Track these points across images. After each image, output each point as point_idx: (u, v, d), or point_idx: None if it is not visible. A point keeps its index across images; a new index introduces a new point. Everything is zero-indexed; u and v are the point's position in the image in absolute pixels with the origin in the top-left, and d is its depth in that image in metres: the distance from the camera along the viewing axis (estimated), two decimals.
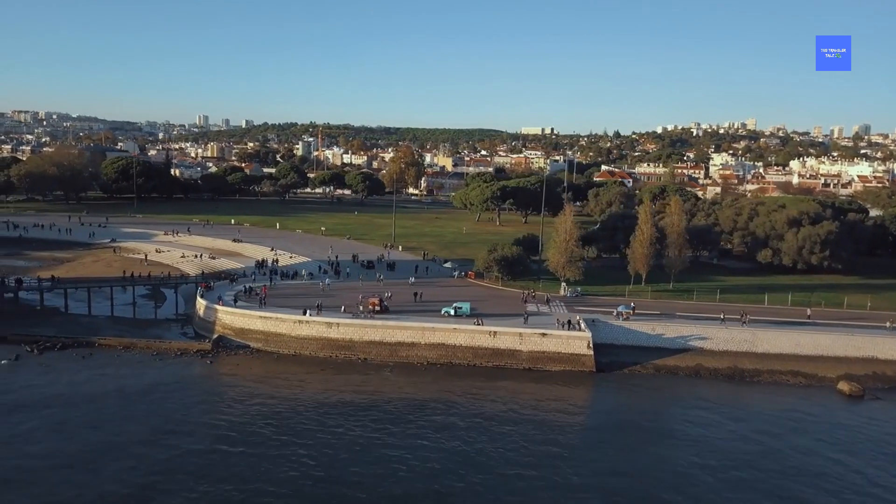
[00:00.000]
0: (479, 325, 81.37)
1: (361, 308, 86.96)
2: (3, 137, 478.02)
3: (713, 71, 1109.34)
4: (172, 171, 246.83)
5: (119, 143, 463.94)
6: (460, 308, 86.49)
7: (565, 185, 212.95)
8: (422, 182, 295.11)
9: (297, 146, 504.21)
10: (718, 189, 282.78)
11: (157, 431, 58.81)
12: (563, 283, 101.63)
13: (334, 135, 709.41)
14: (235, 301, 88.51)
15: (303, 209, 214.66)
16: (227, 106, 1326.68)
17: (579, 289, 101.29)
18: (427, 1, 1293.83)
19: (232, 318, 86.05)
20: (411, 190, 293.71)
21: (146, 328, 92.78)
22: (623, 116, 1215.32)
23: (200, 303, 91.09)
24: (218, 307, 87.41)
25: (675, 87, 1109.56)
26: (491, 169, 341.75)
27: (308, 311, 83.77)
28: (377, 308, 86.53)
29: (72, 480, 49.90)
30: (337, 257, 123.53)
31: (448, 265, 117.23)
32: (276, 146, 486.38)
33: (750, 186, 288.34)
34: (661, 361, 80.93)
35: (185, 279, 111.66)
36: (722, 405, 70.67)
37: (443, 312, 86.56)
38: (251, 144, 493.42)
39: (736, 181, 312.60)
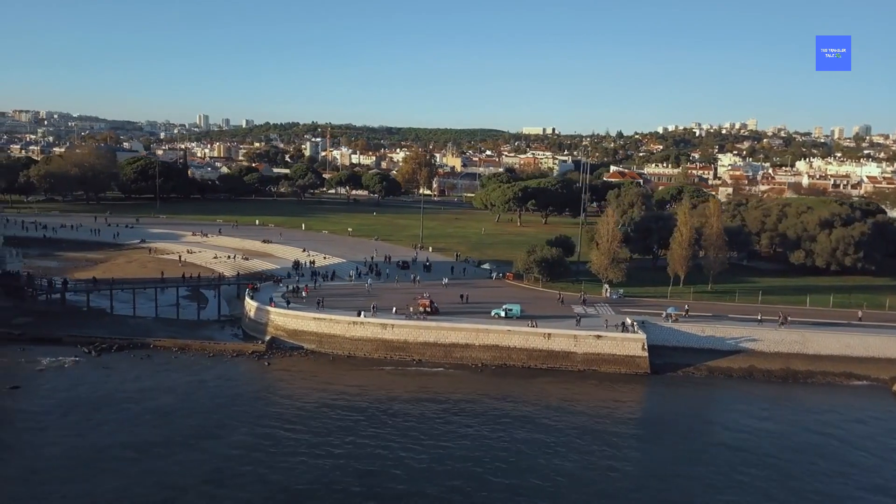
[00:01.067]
0: (533, 326, 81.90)
1: (412, 309, 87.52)
2: (6, 138, 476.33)
3: (713, 71, 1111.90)
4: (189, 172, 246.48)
5: (126, 143, 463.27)
6: (511, 310, 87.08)
7: (586, 186, 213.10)
8: (434, 183, 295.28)
9: (304, 146, 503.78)
10: (730, 190, 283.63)
11: (230, 430, 59.49)
12: (606, 285, 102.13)
13: (336, 135, 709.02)
14: (288, 303, 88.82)
15: (321, 210, 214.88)
16: (227, 105, 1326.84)
17: (621, 290, 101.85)
18: (428, 1, 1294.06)
19: (285, 319, 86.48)
20: (423, 190, 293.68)
21: (195, 329, 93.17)
22: (623, 116, 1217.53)
23: (250, 304, 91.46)
24: (270, 309, 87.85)
25: (675, 88, 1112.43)
26: (501, 169, 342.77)
27: (363, 313, 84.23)
28: (428, 309, 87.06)
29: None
30: (372, 258, 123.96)
31: (486, 266, 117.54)
32: (284, 146, 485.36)
33: (761, 187, 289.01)
34: (713, 363, 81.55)
35: (227, 280, 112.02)
36: (780, 406, 71.66)
37: (493, 314, 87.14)
38: (257, 144, 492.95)
39: (746, 182, 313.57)
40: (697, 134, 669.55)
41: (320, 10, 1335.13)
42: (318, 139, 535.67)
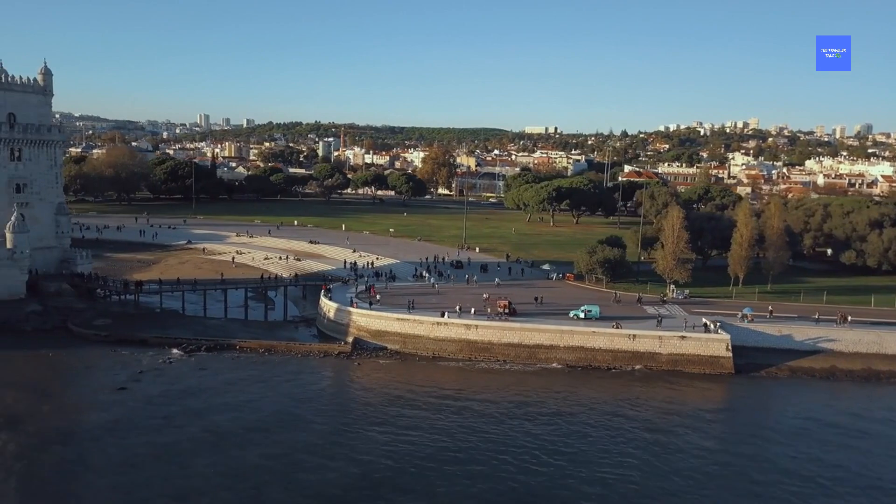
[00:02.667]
0: (616, 328, 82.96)
1: (490, 310, 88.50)
2: None
3: (714, 70, 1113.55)
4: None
5: (133, 143, 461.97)
6: (590, 311, 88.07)
7: (620, 186, 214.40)
8: (453, 182, 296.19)
9: (316, 146, 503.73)
10: (748, 189, 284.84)
11: (339, 430, 60.60)
12: (672, 286, 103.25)
13: (336, 134, 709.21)
14: (371, 304, 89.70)
15: (350, 210, 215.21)
16: (227, 105, 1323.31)
17: (687, 291, 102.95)
18: (429, 0, 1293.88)
19: (368, 320, 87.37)
20: (442, 190, 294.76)
21: (273, 330, 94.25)
22: (624, 116, 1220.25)
23: (329, 305, 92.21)
24: (352, 310, 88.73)
25: (675, 87, 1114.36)
26: (517, 169, 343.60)
27: (446, 313, 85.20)
28: (506, 310, 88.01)
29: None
30: (427, 258, 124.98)
31: (545, 267, 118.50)
32: (298, 146, 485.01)
33: (780, 186, 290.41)
34: (794, 363, 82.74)
35: (288, 281, 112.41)
36: (870, 406, 72.76)
37: (571, 315, 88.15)
38: (267, 144, 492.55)
39: (762, 181, 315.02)
40: (702, 133, 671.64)
41: (320, 9, 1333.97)
42: (331, 139, 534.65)
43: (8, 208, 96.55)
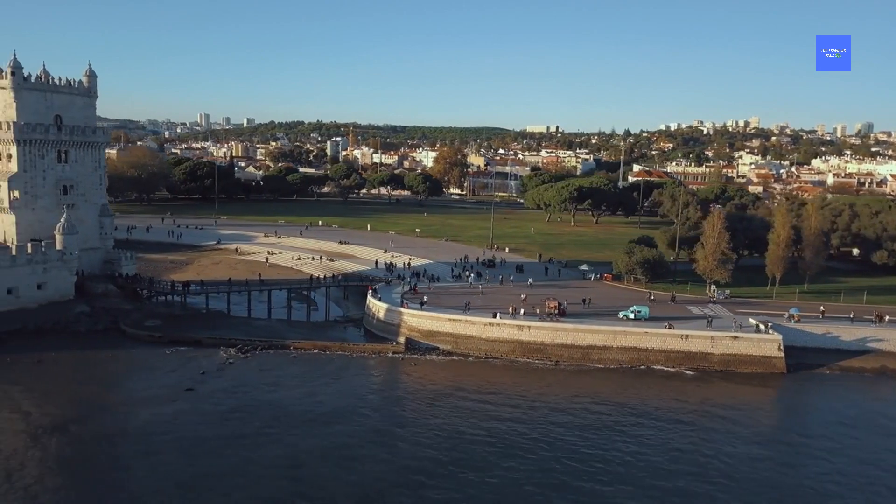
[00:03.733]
0: (669, 328, 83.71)
1: (539, 311, 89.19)
2: None
3: (714, 70, 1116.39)
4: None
5: (138, 143, 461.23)
6: (639, 311, 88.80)
7: (641, 186, 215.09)
8: (465, 182, 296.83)
9: (320, 145, 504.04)
10: (760, 189, 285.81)
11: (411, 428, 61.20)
12: (713, 286, 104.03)
13: (343, 133, 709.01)
14: (422, 305, 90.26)
15: (368, 210, 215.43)
16: (226, 104, 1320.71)
17: (727, 291, 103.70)
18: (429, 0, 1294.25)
19: (419, 320, 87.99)
20: (454, 190, 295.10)
21: (323, 330, 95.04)
22: (624, 115, 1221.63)
23: (379, 305, 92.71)
24: (403, 310, 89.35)
25: (676, 86, 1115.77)
26: (528, 169, 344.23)
27: (499, 314, 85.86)
28: (556, 311, 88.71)
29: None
30: (462, 259, 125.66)
31: (584, 267, 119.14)
32: (307, 146, 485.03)
33: (792, 185, 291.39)
34: (844, 363, 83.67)
35: (325, 281, 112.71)
36: None
37: (621, 316, 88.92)
38: (273, 144, 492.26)
39: (773, 180, 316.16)
40: (705, 132, 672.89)
41: (321, 8, 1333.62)
42: (339, 139, 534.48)
43: (55, 209, 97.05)
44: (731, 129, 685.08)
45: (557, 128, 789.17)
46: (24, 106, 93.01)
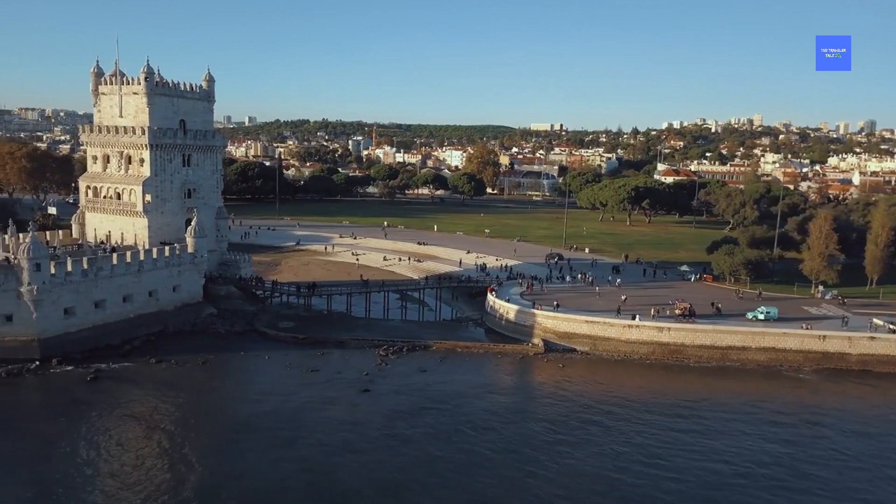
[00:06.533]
0: (807, 329, 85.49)
1: (668, 312, 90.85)
2: (63, 137, 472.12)
3: (716, 68, 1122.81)
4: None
5: None
6: (769, 312, 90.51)
7: (697, 186, 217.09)
8: (503, 181, 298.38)
9: (328, 143, 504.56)
10: (791, 188, 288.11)
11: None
12: (820, 286, 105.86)
13: (349, 131, 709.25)
14: (556, 307, 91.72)
15: (417, 210, 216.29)
16: (227, 103, 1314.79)
17: (834, 291, 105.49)
18: None
19: (555, 322, 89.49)
20: (488, 189, 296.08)
21: (451, 330, 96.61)
22: (627, 112, 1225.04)
23: (507, 306, 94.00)
24: (537, 311, 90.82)
25: (678, 84, 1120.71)
26: (556, 168, 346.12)
27: (637, 316, 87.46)
28: (686, 312, 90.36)
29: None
30: (558, 260, 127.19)
31: (684, 268, 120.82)
32: (334, 146, 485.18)
33: (811, 184, 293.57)
34: None
35: (424, 283, 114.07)
36: None
37: (749, 317, 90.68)
38: (291, 143, 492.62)
39: (800, 179, 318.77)
40: (713, 130, 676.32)
41: (322, 6, 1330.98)
42: (360, 138, 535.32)
43: (180, 213, 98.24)
44: (736, 127, 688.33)
45: (562, 126, 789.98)
46: (155, 111, 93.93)
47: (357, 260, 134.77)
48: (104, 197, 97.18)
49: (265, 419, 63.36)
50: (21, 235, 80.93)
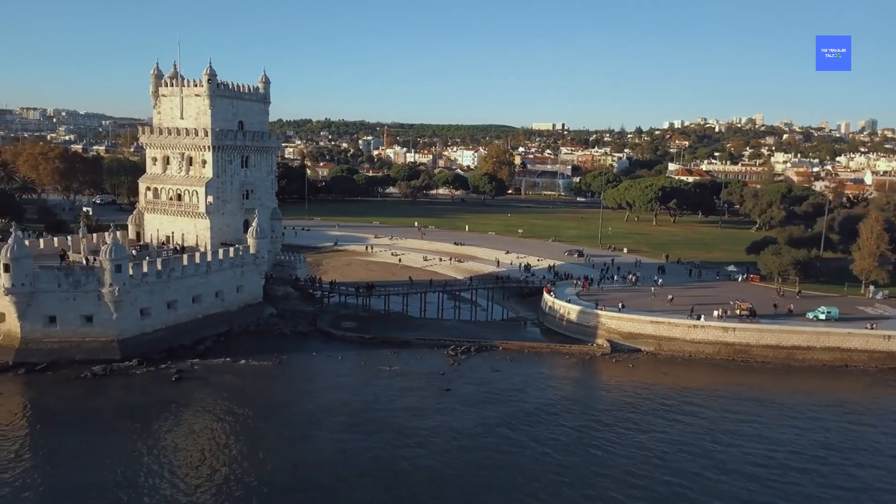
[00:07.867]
0: (872, 328, 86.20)
1: (728, 312, 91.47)
2: (71, 137, 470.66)
3: (716, 67, 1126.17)
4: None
5: None
6: (829, 312, 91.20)
7: (722, 185, 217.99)
8: (519, 181, 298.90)
9: (333, 142, 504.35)
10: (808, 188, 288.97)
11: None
12: (871, 286, 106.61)
13: (352, 131, 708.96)
14: (622, 307, 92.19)
15: (440, 210, 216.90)
16: None
17: (885, 291, 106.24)
18: None
19: (619, 322, 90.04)
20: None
21: (511, 330, 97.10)
22: (627, 112, 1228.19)
23: (569, 307, 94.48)
24: (600, 312, 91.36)
25: (678, 83, 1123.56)
26: (569, 167, 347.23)
27: (703, 316, 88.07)
28: (746, 312, 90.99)
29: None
30: (609, 262, 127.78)
31: (731, 268, 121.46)
32: (346, 146, 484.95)
33: (824, 183, 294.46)
34: None
35: (467, 284, 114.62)
36: None
37: (810, 316, 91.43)
38: (299, 143, 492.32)
39: (812, 179, 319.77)
40: (716, 129, 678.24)
41: (324, 6, 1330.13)
42: (370, 137, 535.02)
43: (239, 214, 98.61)
44: (739, 126, 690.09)
45: (563, 125, 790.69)
46: (217, 113, 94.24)
47: (399, 260, 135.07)
48: (165, 198, 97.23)
49: (365, 419, 63.53)
50: (93, 236, 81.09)
